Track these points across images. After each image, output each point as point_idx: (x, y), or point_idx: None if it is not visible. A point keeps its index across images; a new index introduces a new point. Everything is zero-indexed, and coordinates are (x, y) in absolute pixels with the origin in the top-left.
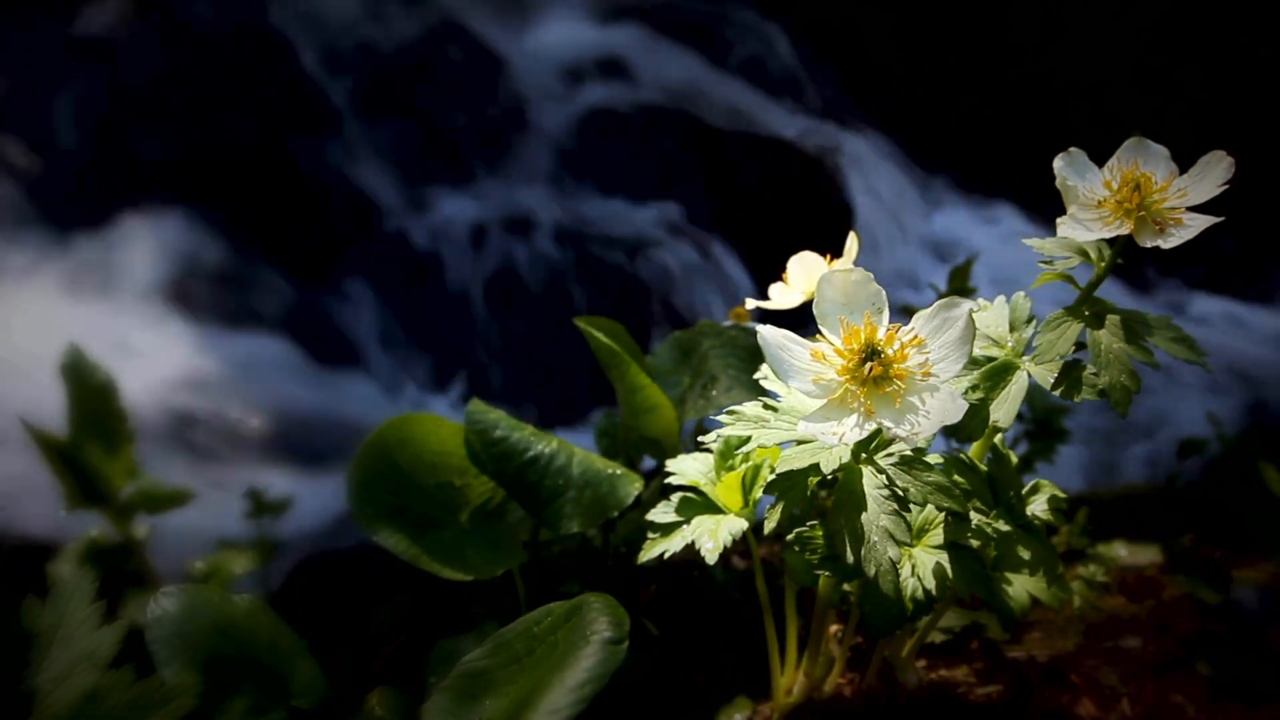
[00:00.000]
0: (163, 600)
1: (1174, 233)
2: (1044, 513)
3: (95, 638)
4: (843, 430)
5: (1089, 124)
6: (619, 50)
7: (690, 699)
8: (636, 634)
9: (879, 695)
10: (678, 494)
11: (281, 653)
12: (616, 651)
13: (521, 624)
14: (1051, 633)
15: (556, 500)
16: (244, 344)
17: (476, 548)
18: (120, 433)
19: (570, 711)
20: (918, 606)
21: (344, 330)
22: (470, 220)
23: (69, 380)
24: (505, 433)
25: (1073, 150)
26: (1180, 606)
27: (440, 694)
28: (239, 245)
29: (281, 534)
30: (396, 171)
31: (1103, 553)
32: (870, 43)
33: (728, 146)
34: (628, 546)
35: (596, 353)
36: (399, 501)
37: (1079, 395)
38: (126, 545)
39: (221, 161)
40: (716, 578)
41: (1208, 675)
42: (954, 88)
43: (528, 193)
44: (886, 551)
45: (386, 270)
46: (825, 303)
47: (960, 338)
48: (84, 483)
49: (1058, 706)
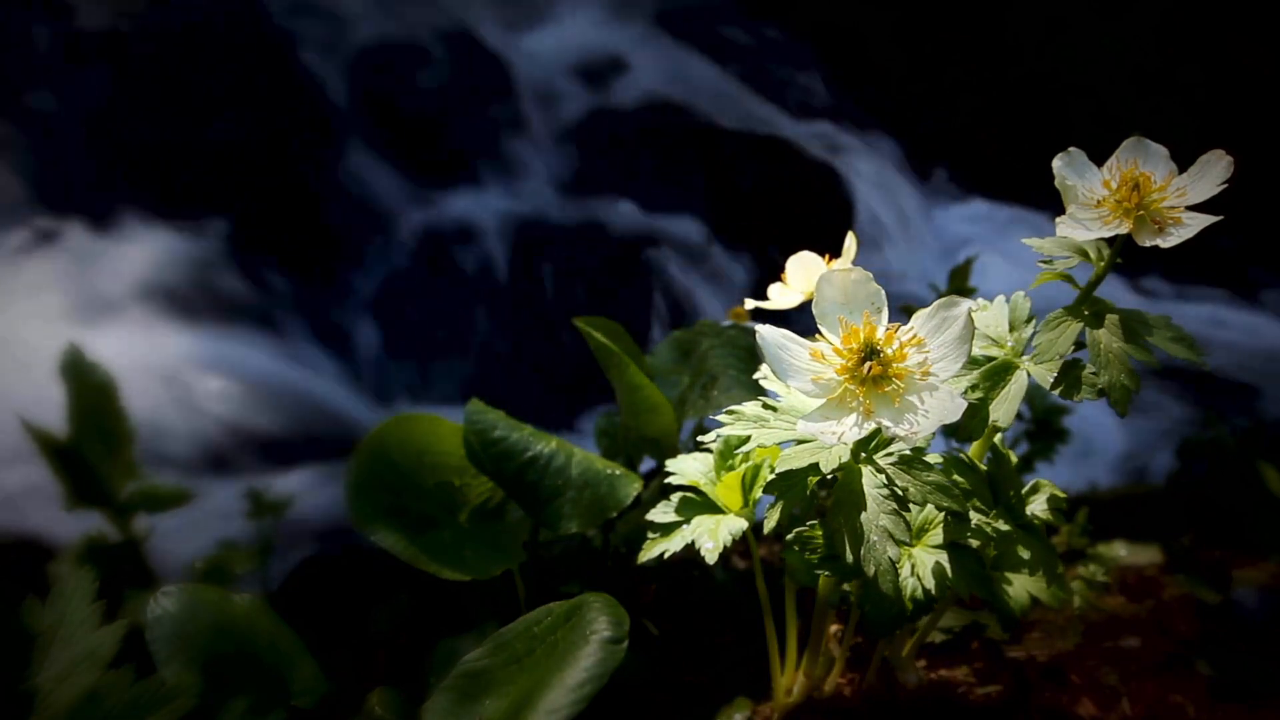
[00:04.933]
0: (163, 600)
1: (1173, 232)
2: (1044, 513)
3: (95, 638)
4: (842, 430)
5: (1089, 124)
6: (620, 50)
7: (690, 699)
8: (636, 634)
9: (879, 695)
10: (678, 494)
11: (281, 652)
12: (616, 651)
13: (521, 624)
14: (1051, 633)
15: (556, 500)
16: (244, 343)
17: (475, 548)
18: (120, 432)
19: (570, 711)
20: (918, 606)
21: (343, 329)
22: (470, 220)
23: (69, 380)
24: (504, 432)
25: (1072, 150)
26: (1180, 606)
27: (440, 694)
28: (239, 245)
29: (281, 534)
30: (396, 171)
31: (1103, 553)
32: (871, 43)
33: (728, 146)
34: (628, 546)
35: (596, 353)
36: (397, 501)
37: (1079, 395)
38: (126, 545)
39: (221, 161)
40: (716, 578)
41: (1208, 675)
42: (954, 87)
43: (528, 192)
44: (886, 551)
45: (386, 270)
46: (824, 302)
47: (959, 337)
48: (84, 483)
49: (1058, 706)
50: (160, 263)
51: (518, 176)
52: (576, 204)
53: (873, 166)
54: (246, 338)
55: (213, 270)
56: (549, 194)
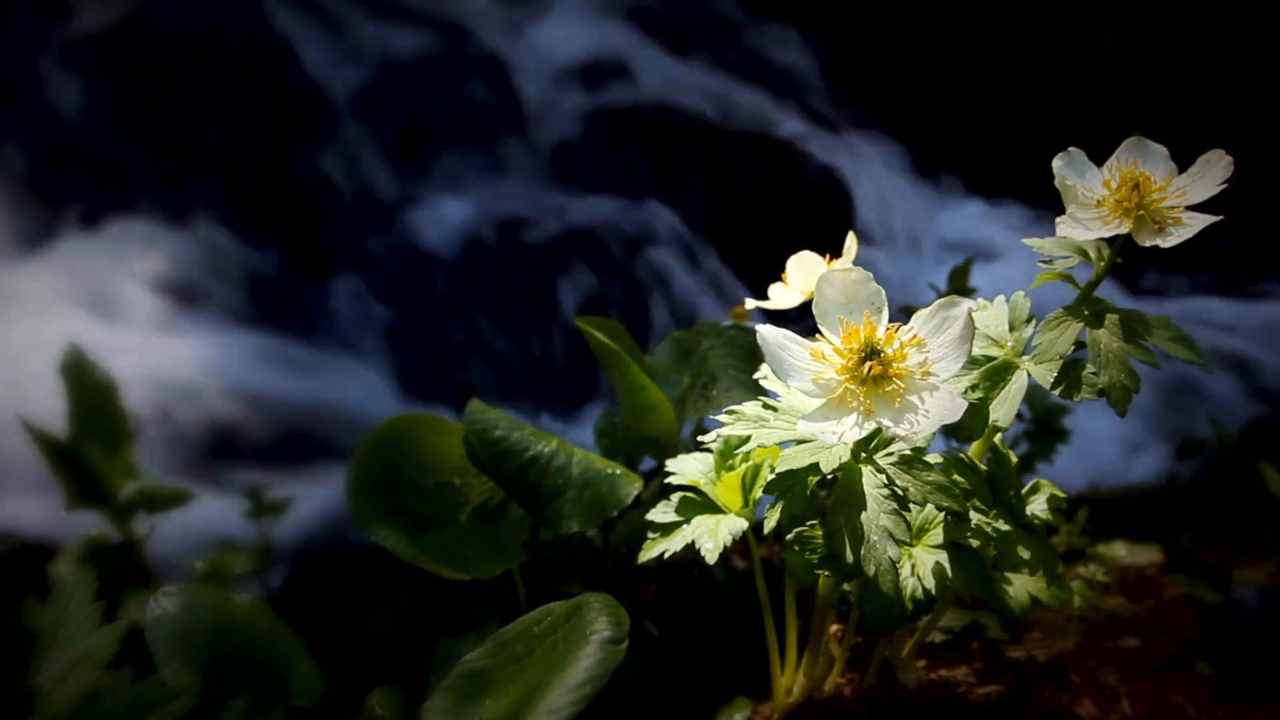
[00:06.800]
0: (163, 600)
1: (1173, 232)
2: (1044, 512)
3: (95, 638)
4: (842, 429)
5: (1089, 124)
6: (619, 50)
7: (690, 699)
8: (636, 634)
9: (879, 695)
10: (678, 494)
11: (281, 652)
12: (616, 651)
13: (521, 624)
14: (1051, 633)
15: (556, 500)
16: (243, 343)
17: (476, 547)
18: (120, 432)
19: (570, 711)
20: (918, 606)
21: (343, 329)
22: (470, 219)
23: (69, 380)
24: (504, 432)
25: (1072, 150)
26: (1180, 606)
27: (440, 694)
28: (238, 244)
29: (281, 534)
30: (395, 170)
31: (1103, 553)
32: (870, 42)
33: (728, 146)
34: (628, 546)
35: (596, 353)
36: (398, 501)
37: (1079, 395)
38: (126, 545)
39: (220, 160)
40: (716, 578)
41: (1208, 675)
42: (954, 87)
43: (527, 192)
44: (886, 551)
45: (386, 269)
46: (825, 302)
47: (960, 337)
48: (84, 483)
49: (1058, 706)
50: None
51: (517, 176)
52: (576, 203)
53: (873, 166)
54: (246, 337)
55: (212, 269)
56: (549, 193)
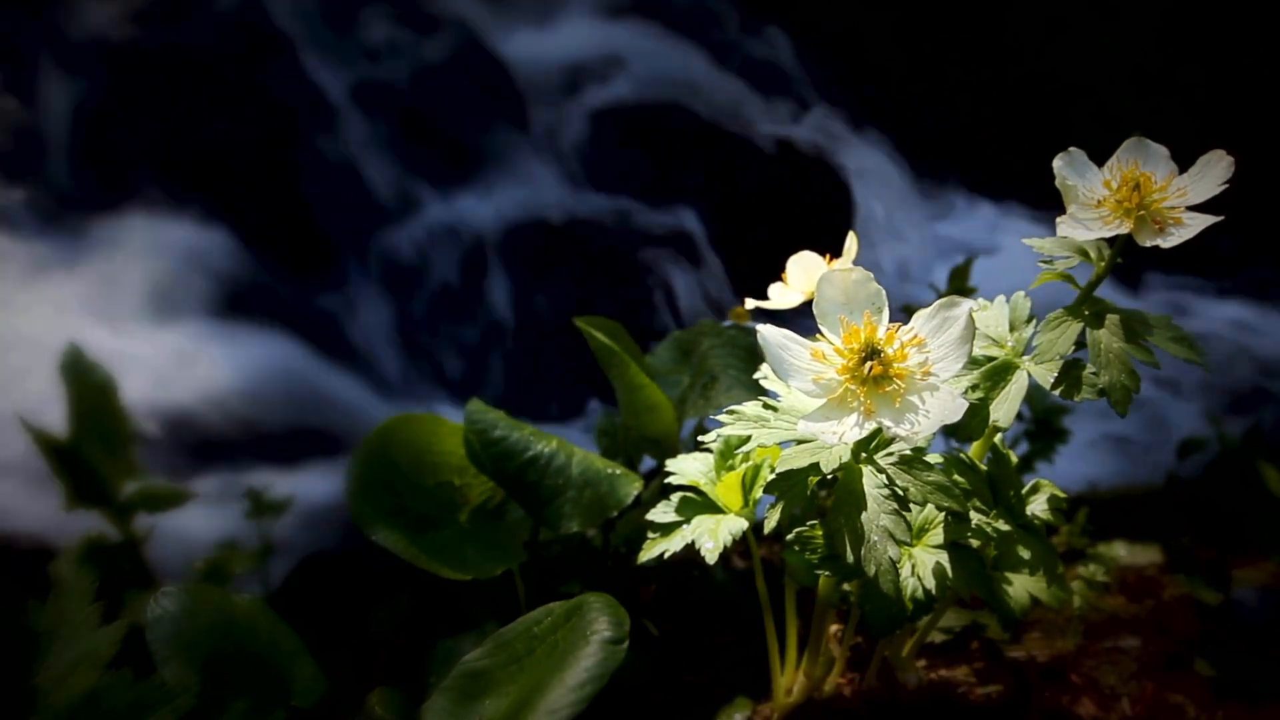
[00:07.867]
0: (163, 600)
1: (1173, 232)
2: (1044, 513)
3: (95, 638)
4: (843, 430)
5: (1089, 124)
6: (620, 49)
7: (690, 699)
8: (636, 634)
9: (879, 695)
10: (678, 494)
11: (281, 652)
12: (616, 651)
13: (521, 624)
14: (1051, 633)
15: (556, 500)
16: (243, 343)
17: (476, 547)
18: (120, 432)
19: (570, 711)
20: (918, 606)
21: (343, 329)
22: (470, 219)
23: (69, 380)
24: (505, 432)
25: (1072, 150)
26: (1180, 606)
27: (440, 694)
28: (238, 244)
29: (281, 534)
30: (397, 170)
31: (1103, 553)
32: (871, 42)
33: (728, 146)
34: (628, 546)
35: (596, 353)
36: (398, 501)
37: (1079, 395)
38: (126, 545)
39: (221, 160)
40: (716, 578)
41: (1208, 675)
42: (954, 87)
43: (528, 192)
44: (886, 551)
45: (386, 269)
46: (825, 302)
47: (960, 337)
48: (84, 483)
49: (1058, 706)
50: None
51: (517, 176)
52: (576, 203)
53: (873, 166)
54: (246, 337)
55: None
56: (549, 193)
